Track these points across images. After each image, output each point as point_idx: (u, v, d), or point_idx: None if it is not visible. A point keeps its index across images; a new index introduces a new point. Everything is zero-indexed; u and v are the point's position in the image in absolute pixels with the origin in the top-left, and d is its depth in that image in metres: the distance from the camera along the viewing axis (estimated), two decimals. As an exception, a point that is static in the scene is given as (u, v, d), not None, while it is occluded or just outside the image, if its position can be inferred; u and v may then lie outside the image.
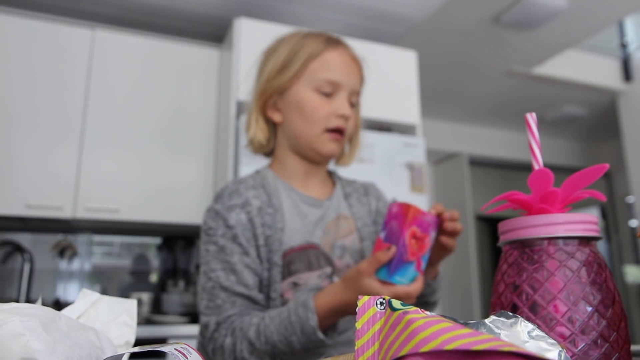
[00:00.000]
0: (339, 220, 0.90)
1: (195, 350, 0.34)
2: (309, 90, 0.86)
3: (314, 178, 0.93)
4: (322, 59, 0.86)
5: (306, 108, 0.86)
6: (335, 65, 0.87)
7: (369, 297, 0.34)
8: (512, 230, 0.43)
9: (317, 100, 0.85)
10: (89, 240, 2.67)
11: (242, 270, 0.80)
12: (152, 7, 2.44)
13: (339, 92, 0.86)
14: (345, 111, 0.85)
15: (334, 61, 0.87)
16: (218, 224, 0.83)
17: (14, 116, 2.16)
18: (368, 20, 2.58)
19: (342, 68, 0.87)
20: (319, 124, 0.85)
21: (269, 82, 0.89)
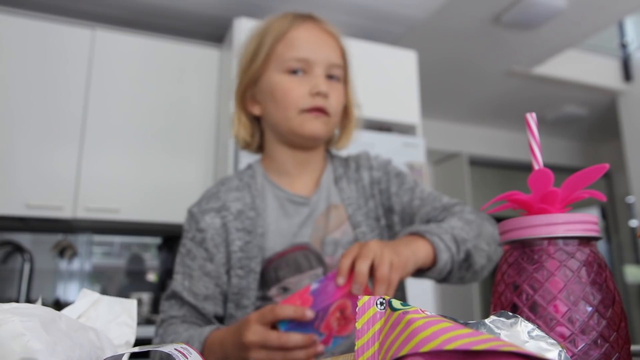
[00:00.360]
0: (329, 212, 0.85)
1: (195, 350, 0.34)
2: (279, 74, 0.82)
3: (307, 167, 0.88)
4: (288, 39, 0.82)
5: (277, 92, 0.81)
6: (302, 41, 0.82)
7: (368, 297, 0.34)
8: (512, 230, 0.43)
9: (287, 81, 0.81)
10: (89, 240, 2.67)
11: (199, 277, 0.80)
12: (152, 7, 2.44)
13: (312, 69, 0.81)
14: (321, 88, 0.79)
15: (300, 38, 0.82)
16: (191, 226, 0.83)
17: (14, 116, 2.16)
18: (368, 20, 2.58)
19: (311, 43, 0.82)
20: (293, 106, 0.80)
21: (242, 75, 0.87)
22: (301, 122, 0.81)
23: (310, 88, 0.80)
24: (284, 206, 0.85)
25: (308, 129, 0.81)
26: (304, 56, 0.81)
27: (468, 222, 0.78)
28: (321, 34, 0.84)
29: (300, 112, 0.81)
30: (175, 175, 2.35)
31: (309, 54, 0.81)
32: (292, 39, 0.82)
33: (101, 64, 2.33)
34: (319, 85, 0.80)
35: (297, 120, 0.81)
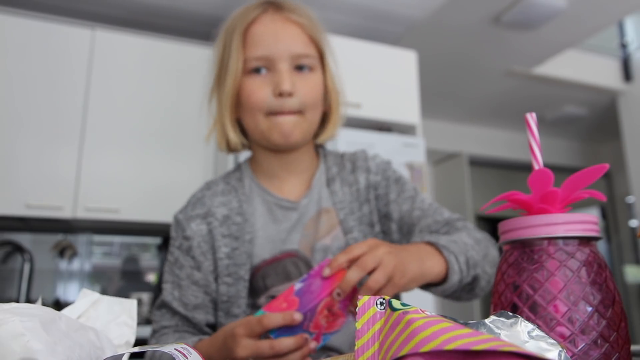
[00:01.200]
0: (319, 217, 0.81)
1: (195, 350, 0.34)
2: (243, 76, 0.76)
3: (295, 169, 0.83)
4: (247, 37, 0.76)
5: (243, 96, 0.76)
6: (259, 37, 0.75)
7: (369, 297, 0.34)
8: (512, 230, 0.43)
9: (250, 83, 0.75)
10: (89, 240, 2.67)
11: (188, 286, 0.77)
12: (152, 7, 2.44)
13: (274, 65, 0.75)
14: (284, 86, 0.72)
15: (258, 33, 0.75)
16: (177, 233, 0.80)
17: (14, 116, 2.16)
18: (368, 20, 2.58)
19: (268, 37, 0.75)
20: (258, 110, 0.75)
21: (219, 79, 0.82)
22: (269, 127, 0.75)
23: (273, 88, 0.74)
24: (272, 211, 0.81)
25: (277, 133, 0.75)
26: (263, 53, 0.75)
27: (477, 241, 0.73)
28: (282, 24, 0.76)
29: (267, 115, 0.75)
30: (175, 175, 2.35)
31: (268, 50, 0.74)
32: (251, 36, 0.76)
33: (101, 64, 2.33)
34: (280, 84, 0.73)
35: (265, 125, 0.76)
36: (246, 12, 0.78)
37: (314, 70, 0.78)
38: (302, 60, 0.76)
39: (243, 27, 0.76)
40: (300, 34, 0.77)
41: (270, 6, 0.78)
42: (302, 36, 0.77)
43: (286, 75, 0.74)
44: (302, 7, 0.81)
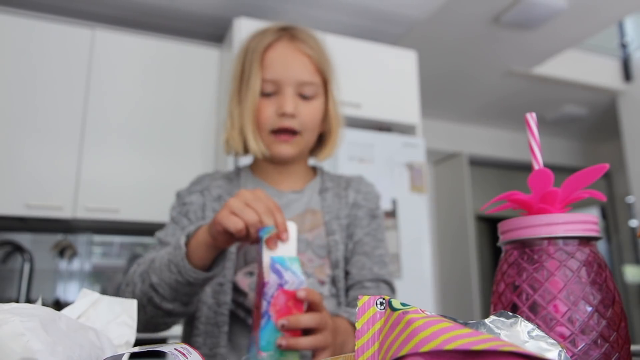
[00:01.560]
0: (305, 215, 0.89)
1: (195, 350, 0.34)
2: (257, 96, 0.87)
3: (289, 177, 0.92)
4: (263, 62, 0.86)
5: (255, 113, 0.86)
6: (271, 62, 0.85)
7: (368, 297, 0.34)
8: (512, 230, 0.43)
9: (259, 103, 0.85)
10: (89, 240, 2.67)
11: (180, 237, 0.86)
12: (152, 7, 2.44)
13: (281, 89, 0.84)
14: (286, 109, 0.82)
15: (270, 59, 0.85)
16: (178, 203, 0.91)
17: (14, 116, 2.16)
18: (368, 20, 2.58)
19: (279, 63, 0.85)
20: (263, 127, 0.85)
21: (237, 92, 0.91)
22: (269, 143, 0.86)
23: (277, 108, 0.84)
24: None
25: (276, 152, 0.86)
26: (273, 78, 0.84)
27: None
28: (292, 53, 0.86)
29: (269, 133, 0.85)
30: (175, 176, 2.35)
31: (276, 75, 0.84)
32: (266, 59, 0.85)
33: (101, 64, 2.33)
34: (284, 106, 0.83)
35: (267, 140, 0.86)
36: (264, 36, 0.87)
37: (316, 98, 0.88)
38: (305, 87, 0.86)
39: (261, 50, 0.86)
40: (308, 64, 0.86)
41: (286, 34, 0.88)
42: (309, 66, 0.86)
43: (290, 99, 0.84)
44: (313, 38, 0.90)
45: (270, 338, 0.60)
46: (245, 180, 0.93)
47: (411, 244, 2.26)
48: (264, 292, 0.60)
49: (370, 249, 0.89)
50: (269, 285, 0.60)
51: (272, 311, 0.60)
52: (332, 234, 0.87)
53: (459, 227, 3.92)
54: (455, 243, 3.94)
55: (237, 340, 0.81)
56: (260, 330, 0.59)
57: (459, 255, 3.89)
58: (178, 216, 0.89)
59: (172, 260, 0.71)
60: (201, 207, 0.89)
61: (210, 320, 0.81)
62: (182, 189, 0.93)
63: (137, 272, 0.79)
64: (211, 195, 0.89)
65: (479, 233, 4.25)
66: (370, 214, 0.93)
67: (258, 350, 0.59)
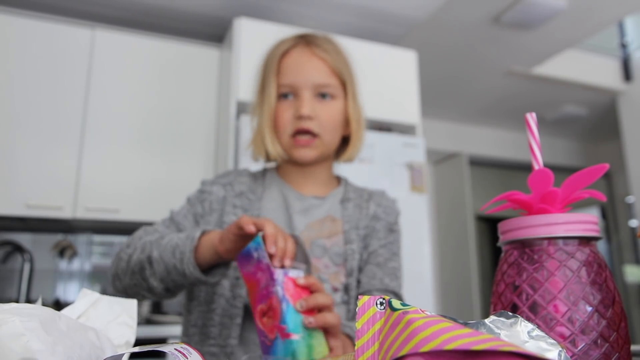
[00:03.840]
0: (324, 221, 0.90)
1: (195, 350, 0.34)
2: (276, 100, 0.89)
3: (311, 179, 0.93)
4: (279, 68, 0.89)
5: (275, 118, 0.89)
6: (288, 66, 0.88)
7: (369, 297, 0.34)
8: (512, 230, 0.43)
9: (278, 106, 0.88)
10: (89, 240, 2.67)
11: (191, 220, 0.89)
12: (152, 7, 2.44)
13: (299, 92, 0.87)
14: (303, 111, 0.84)
15: (287, 64, 0.88)
16: (200, 189, 0.93)
17: (14, 116, 2.16)
18: (368, 20, 2.58)
19: (296, 67, 0.88)
20: (284, 131, 0.87)
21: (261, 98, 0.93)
22: (290, 147, 0.88)
23: (294, 111, 0.86)
24: (284, 199, 0.91)
25: (297, 156, 0.88)
26: (289, 81, 0.87)
27: None
28: (307, 57, 0.89)
29: (289, 136, 0.87)
30: (175, 176, 2.35)
31: (293, 79, 0.87)
32: (283, 65, 0.89)
33: (101, 64, 2.33)
34: (300, 109, 0.85)
35: (287, 144, 0.88)
36: (281, 44, 0.91)
37: (335, 98, 0.89)
38: (323, 89, 0.88)
39: (277, 57, 0.89)
40: (323, 67, 0.89)
41: (302, 40, 0.91)
42: (324, 68, 0.89)
43: (306, 102, 0.86)
44: (330, 42, 0.93)
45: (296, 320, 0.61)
46: (270, 181, 0.94)
47: (411, 244, 2.26)
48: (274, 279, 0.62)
49: (383, 260, 0.90)
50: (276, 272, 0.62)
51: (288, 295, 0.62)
52: (350, 243, 0.88)
53: (459, 227, 3.92)
54: (455, 243, 3.94)
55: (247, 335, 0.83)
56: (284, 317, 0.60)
57: (459, 255, 3.89)
58: (194, 200, 0.92)
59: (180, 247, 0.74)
60: (220, 200, 0.90)
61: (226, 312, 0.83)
62: (208, 179, 0.96)
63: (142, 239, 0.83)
64: (234, 190, 0.91)
65: (479, 233, 4.25)
66: (388, 227, 0.94)
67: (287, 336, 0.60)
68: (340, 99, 0.90)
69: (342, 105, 0.90)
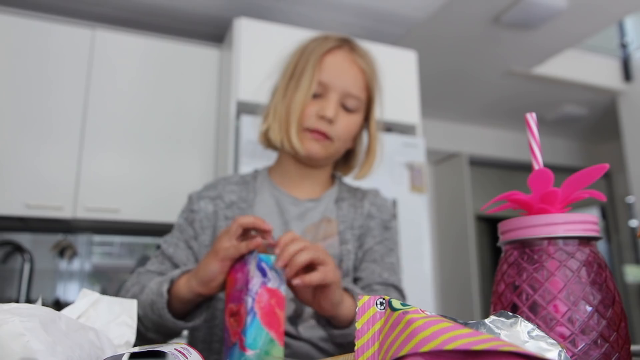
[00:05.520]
0: (320, 224, 0.89)
1: (195, 350, 0.34)
2: None
3: (308, 181, 0.93)
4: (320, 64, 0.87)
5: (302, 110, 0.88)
6: (328, 66, 0.87)
7: (368, 297, 0.34)
8: (512, 230, 0.43)
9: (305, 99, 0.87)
10: (89, 240, 2.67)
11: (184, 248, 0.87)
12: (152, 7, 2.44)
13: (327, 93, 0.86)
14: (327, 112, 0.84)
15: (330, 63, 0.87)
16: (187, 207, 0.91)
17: (14, 116, 2.16)
18: (368, 20, 2.58)
19: (334, 70, 0.87)
20: (301, 123, 0.86)
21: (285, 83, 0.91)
22: (301, 139, 0.86)
23: (318, 110, 0.85)
24: (278, 203, 0.90)
25: (306, 147, 0.86)
26: (324, 80, 0.86)
27: None
28: (349, 63, 0.88)
29: (304, 129, 0.86)
30: (175, 176, 2.35)
31: (328, 79, 0.86)
32: (323, 63, 0.87)
33: (101, 64, 2.33)
34: (325, 110, 0.84)
35: (299, 135, 0.86)
36: (326, 41, 0.89)
37: (356, 113, 0.90)
38: (349, 100, 0.87)
39: (321, 53, 0.87)
40: (360, 79, 0.89)
41: (347, 44, 0.90)
42: (360, 81, 0.89)
43: (333, 105, 0.85)
44: (370, 57, 0.93)
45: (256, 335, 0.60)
46: (262, 185, 0.93)
47: (411, 244, 2.26)
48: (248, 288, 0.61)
49: (379, 257, 0.90)
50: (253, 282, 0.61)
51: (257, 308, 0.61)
52: (345, 243, 0.88)
53: (459, 227, 3.92)
54: (455, 243, 3.94)
55: None
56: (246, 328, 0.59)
57: (459, 255, 3.89)
58: (184, 224, 0.89)
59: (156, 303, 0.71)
60: (211, 216, 0.88)
61: None
62: (195, 192, 0.93)
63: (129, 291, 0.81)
64: (224, 202, 0.89)
65: (479, 233, 4.25)
66: (382, 225, 0.94)
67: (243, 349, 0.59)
68: (360, 113, 0.90)
69: (360, 120, 0.91)
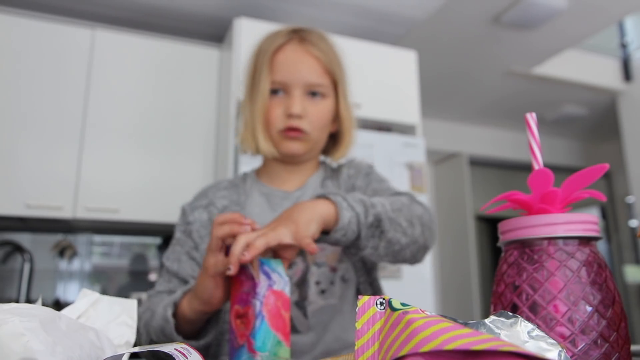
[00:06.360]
0: None
1: (195, 350, 0.34)
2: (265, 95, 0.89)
3: (296, 174, 0.94)
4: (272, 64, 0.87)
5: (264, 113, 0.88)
6: (282, 64, 0.87)
7: (368, 297, 0.34)
8: (512, 230, 0.43)
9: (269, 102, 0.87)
10: (89, 240, 2.67)
11: (186, 261, 0.88)
12: (152, 7, 2.44)
13: (289, 90, 0.86)
14: (293, 109, 0.84)
15: (279, 61, 0.87)
16: (182, 220, 0.92)
17: (14, 116, 2.16)
18: (368, 20, 2.58)
19: (287, 66, 0.86)
20: (273, 126, 0.86)
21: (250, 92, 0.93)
22: (278, 142, 0.87)
23: (284, 109, 0.86)
24: (268, 201, 0.91)
25: (284, 149, 0.87)
26: (281, 79, 0.86)
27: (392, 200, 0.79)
28: (301, 55, 0.87)
29: (278, 132, 0.86)
30: (175, 176, 2.35)
31: (284, 77, 0.86)
32: (275, 61, 0.87)
33: (101, 64, 2.33)
34: (291, 107, 0.85)
35: (275, 139, 0.87)
36: (274, 39, 0.89)
37: (325, 97, 0.89)
38: (315, 88, 0.87)
39: (270, 53, 0.87)
40: (316, 66, 0.88)
41: (295, 36, 0.89)
42: (317, 68, 0.88)
43: (297, 101, 0.85)
44: (324, 40, 0.91)
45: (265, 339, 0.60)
46: (251, 186, 0.94)
47: (411, 244, 2.25)
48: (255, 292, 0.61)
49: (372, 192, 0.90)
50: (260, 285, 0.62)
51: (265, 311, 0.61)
52: None
53: (459, 227, 3.92)
54: (455, 243, 3.94)
55: None
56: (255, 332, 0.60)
57: (459, 255, 3.89)
58: (182, 237, 0.90)
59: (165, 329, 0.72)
60: (206, 224, 0.89)
61: None
62: (187, 204, 0.93)
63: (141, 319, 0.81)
64: (216, 208, 0.90)
65: (479, 233, 4.25)
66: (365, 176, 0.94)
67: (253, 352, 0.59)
68: (330, 97, 0.90)
69: (332, 104, 0.90)
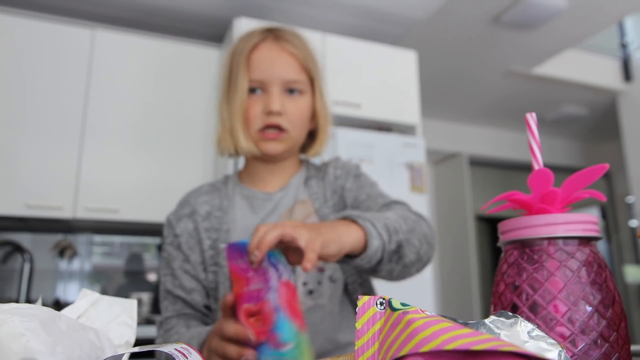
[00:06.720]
0: (294, 207, 0.89)
1: (195, 350, 0.34)
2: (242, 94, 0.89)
3: (277, 175, 0.93)
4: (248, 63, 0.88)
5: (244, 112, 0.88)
6: (258, 62, 0.87)
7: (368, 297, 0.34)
8: (512, 230, 0.43)
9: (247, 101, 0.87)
10: (89, 240, 2.67)
11: (181, 275, 0.87)
12: (152, 7, 2.44)
13: (267, 88, 0.87)
14: (272, 107, 0.84)
15: (255, 60, 0.88)
16: (169, 232, 0.91)
17: (14, 116, 2.16)
18: (368, 20, 2.58)
19: (263, 64, 0.87)
20: (252, 125, 0.87)
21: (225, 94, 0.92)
22: (258, 141, 0.87)
23: (263, 107, 0.86)
24: (250, 203, 0.91)
25: (264, 149, 0.87)
26: (259, 78, 0.87)
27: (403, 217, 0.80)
28: (277, 53, 0.88)
29: (257, 131, 0.87)
30: (175, 176, 2.35)
31: (263, 75, 0.86)
32: (252, 60, 0.88)
33: (101, 64, 2.33)
34: (270, 105, 0.85)
35: (255, 138, 0.87)
36: (250, 38, 0.90)
37: (303, 94, 0.90)
38: (292, 85, 0.88)
39: (246, 52, 0.88)
40: (293, 63, 0.88)
41: (270, 34, 0.90)
42: (294, 64, 0.89)
43: (275, 98, 0.86)
44: (298, 37, 0.92)
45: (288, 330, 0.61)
46: (233, 189, 0.93)
47: (411, 244, 2.26)
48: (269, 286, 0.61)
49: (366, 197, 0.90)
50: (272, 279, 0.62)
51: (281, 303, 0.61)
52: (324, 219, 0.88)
53: (459, 227, 3.92)
54: (455, 243, 3.94)
55: None
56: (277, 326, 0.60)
57: (459, 255, 3.89)
58: (173, 251, 0.89)
59: None
60: (192, 232, 0.89)
61: None
62: (171, 214, 0.93)
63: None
64: (200, 215, 0.90)
65: (479, 233, 4.25)
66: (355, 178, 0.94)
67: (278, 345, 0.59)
68: (307, 94, 0.90)
69: (310, 101, 0.91)
